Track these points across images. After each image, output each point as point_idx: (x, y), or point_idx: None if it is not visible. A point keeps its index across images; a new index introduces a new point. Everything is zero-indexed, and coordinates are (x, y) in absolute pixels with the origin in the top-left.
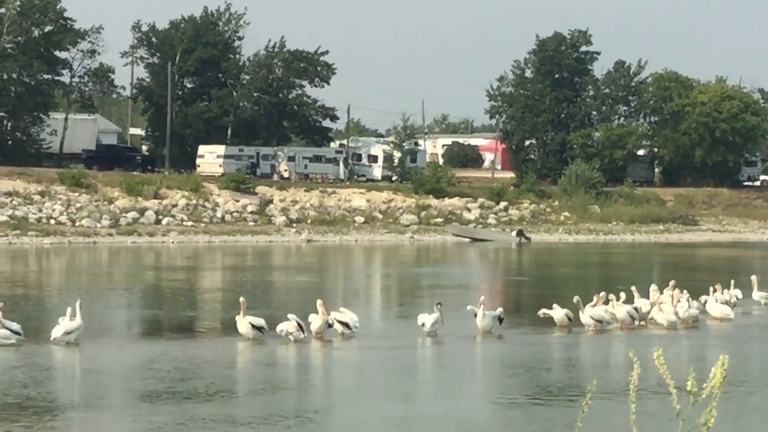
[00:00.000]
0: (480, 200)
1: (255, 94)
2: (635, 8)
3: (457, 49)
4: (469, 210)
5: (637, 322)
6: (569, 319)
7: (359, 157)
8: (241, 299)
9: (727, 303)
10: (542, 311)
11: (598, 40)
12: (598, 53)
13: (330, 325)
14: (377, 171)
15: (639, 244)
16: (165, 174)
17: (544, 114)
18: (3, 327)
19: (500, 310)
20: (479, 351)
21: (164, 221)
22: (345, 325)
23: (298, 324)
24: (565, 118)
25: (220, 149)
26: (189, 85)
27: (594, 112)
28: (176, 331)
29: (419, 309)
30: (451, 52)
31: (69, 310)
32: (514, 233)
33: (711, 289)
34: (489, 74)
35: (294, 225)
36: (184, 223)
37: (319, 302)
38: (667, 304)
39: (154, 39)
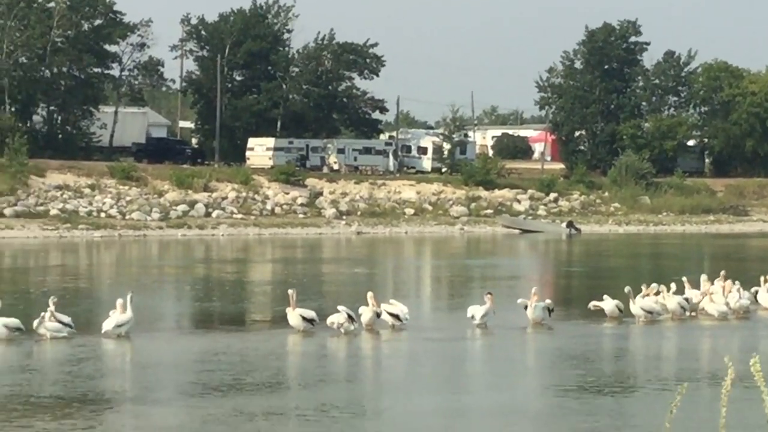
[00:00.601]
0: (530, 191)
1: (304, 87)
2: None
3: (506, 41)
4: (519, 201)
5: (687, 313)
6: (620, 310)
7: (409, 149)
8: (291, 291)
9: None
10: (592, 304)
11: (648, 31)
12: (648, 44)
13: (378, 316)
14: (427, 163)
15: (689, 234)
16: (215, 167)
17: (593, 105)
18: (55, 320)
19: (548, 301)
20: (530, 342)
21: (214, 214)
22: (395, 317)
23: (349, 316)
24: (614, 109)
25: (270, 142)
26: (238, 78)
27: (644, 103)
28: (227, 324)
29: (469, 301)
30: (501, 44)
31: (119, 303)
32: (564, 224)
33: (762, 279)
34: (538, 65)
35: (344, 217)
36: (234, 215)
37: (369, 294)
38: (718, 295)
39: (203, 32)
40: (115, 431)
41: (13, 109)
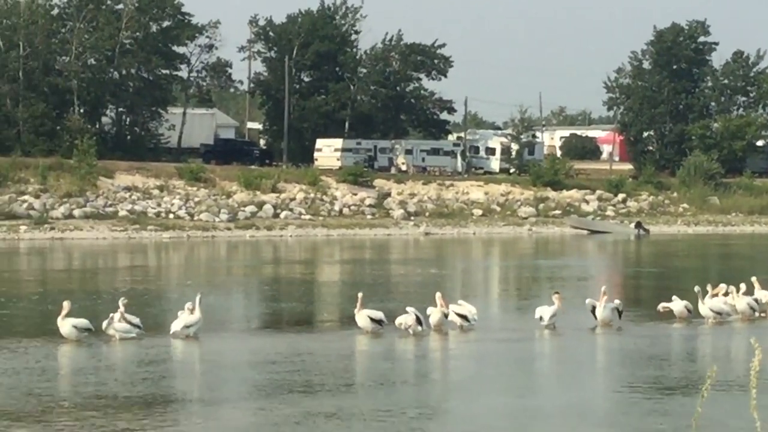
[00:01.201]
0: (598, 192)
1: (372, 88)
2: None
3: (575, 41)
4: (587, 202)
5: (757, 314)
6: (689, 311)
7: (477, 150)
8: (359, 294)
9: None
10: (661, 305)
11: (717, 31)
12: (716, 44)
13: (446, 317)
14: (495, 163)
15: (758, 235)
16: (283, 168)
17: (662, 105)
18: (124, 321)
19: (617, 301)
20: (598, 343)
21: (282, 215)
22: (464, 317)
23: (417, 317)
24: (683, 109)
25: (338, 143)
26: (306, 79)
27: (712, 103)
28: (295, 325)
29: (537, 301)
30: (570, 44)
31: (188, 305)
32: (632, 225)
33: None
34: (607, 66)
35: (412, 218)
36: (302, 216)
37: (437, 295)
38: None
39: (271, 33)
40: None
41: (82, 111)
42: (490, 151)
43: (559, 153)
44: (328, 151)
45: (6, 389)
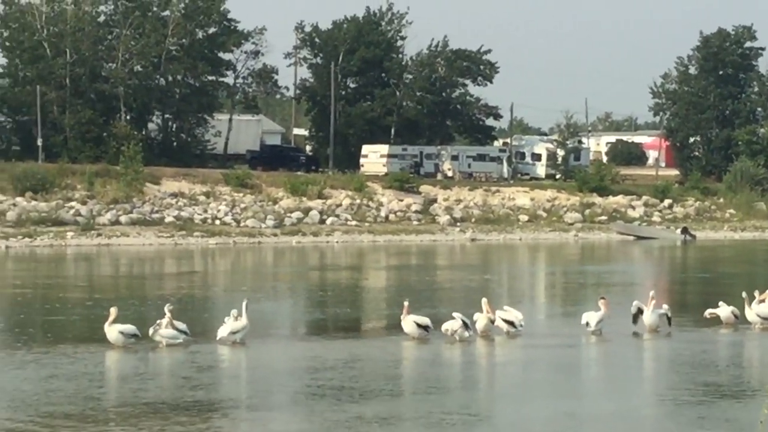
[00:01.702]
0: (644, 198)
1: (418, 94)
2: None
3: (620, 47)
4: (633, 208)
5: None
6: (736, 316)
7: (523, 156)
8: (405, 301)
9: None
10: (708, 312)
11: (763, 36)
12: (763, 49)
13: (493, 322)
14: (541, 169)
15: None
16: (329, 174)
17: (708, 111)
18: (171, 327)
19: (665, 306)
20: (645, 349)
21: (328, 221)
22: (510, 323)
23: (464, 322)
24: (729, 115)
25: (384, 149)
26: (352, 85)
27: (759, 108)
28: (341, 331)
29: (584, 307)
30: (615, 50)
31: (234, 312)
32: (678, 231)
33: None
34: (653, 71)
35: (458, 224)
36: (348, 222)
37: (483, 301)
38: None
39: (317, 39)
40: None
41: (128, 118)
42: (536, 157)
43: (605, 159)
44: (374, 157)
45: (54, 395)
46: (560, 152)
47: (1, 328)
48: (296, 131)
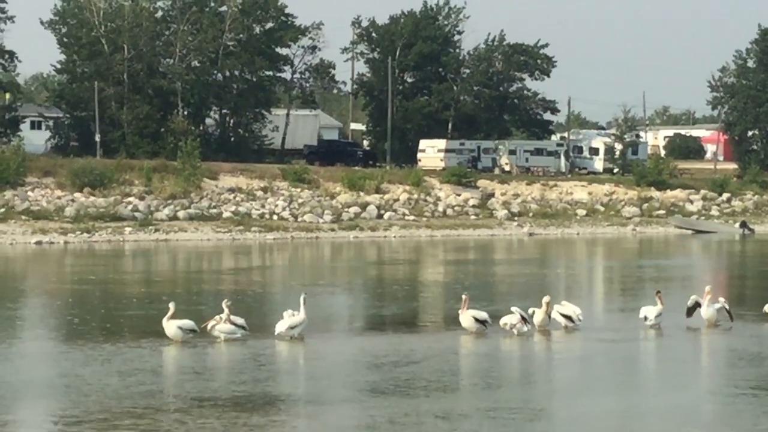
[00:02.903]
0: (702, 192)
1: (475, 88)
2: None
3: (677, 40)
4: (691, 202)
5: None
6: None
7: (580, 150)
8: (464, 296)
9: None
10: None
11: None
12: None
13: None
14: (598, 163)
15: None
16: (386, 168)
17: (766, 104)
18: (229, 322)
19: (722, 299)
20: (703, 343)
21: (386, 216)
22: (568, 318)
23: (522, 317)
24: None
25: (441, 143)
26: (409, 80)
27: None
28: (399, 325)
29: (642, 301)
30: (672, 43)
31: (286, 312)
32: (737, 224)
33: None
34: (710, 65)
35: (515, 218)
36: (406, 217)
37: (546, 299)
38: None
39: (374, 34)
40: None
41: (185, 113)
42: (594, 151)
43: (663, 153)
44: (432, 152)
45: (113, 391)
46: (618, 146)
47: (61, 323)
48: (353, 126)
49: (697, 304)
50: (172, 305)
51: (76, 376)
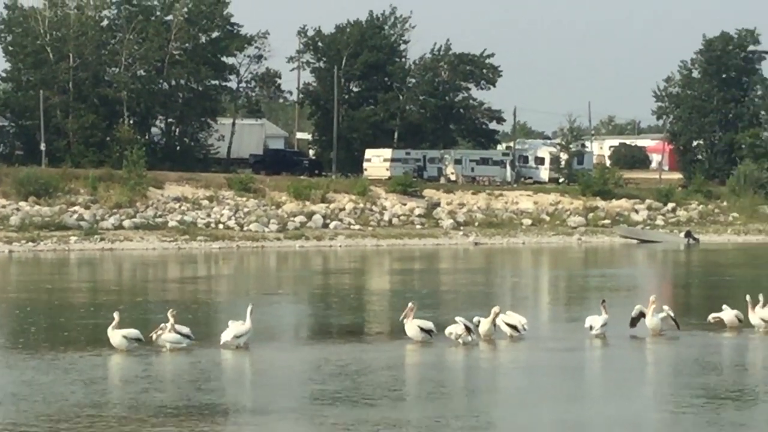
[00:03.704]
0: (647, 201)
1: (421, 98)
2: None
3: (623, 50)
4: (636, 211)
5: None
6: (740, 320)
7: (526, 159)
8: (410, 304)
9: None
10: (712, 316)
11: (767, 39)
12: (767, 52)
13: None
14: (544, 173)
15: None
16: (332, 178)
17: (711, 114)
18: (174, 331)
19: (666, 307)
20: (648, 352)
21: (332, 225)
22: (513, 327)
23: (467, 326)
24: (733, 118)
25: (387, 153)
26: (355, 89)
27: (762, 112)
28: (344, 335)
29: (587, 311)
30: (618, 53)
31: (231, 323)
32: (682, 234)
33: None
34: (656, 75)
35: (461, 228)
36: (352, 226)
37: (495, 309)
38: None
39: (320, 43)
40: None
41: (131, 122)
42: (540, 161)
43: (608, 162)
44: (378, 161)
45: (58, 399)
46: (563, 156)
47: (4, 333)
48: (299, 135)
49: (642, 314)
50: (116, 315)
51: (19, 384)
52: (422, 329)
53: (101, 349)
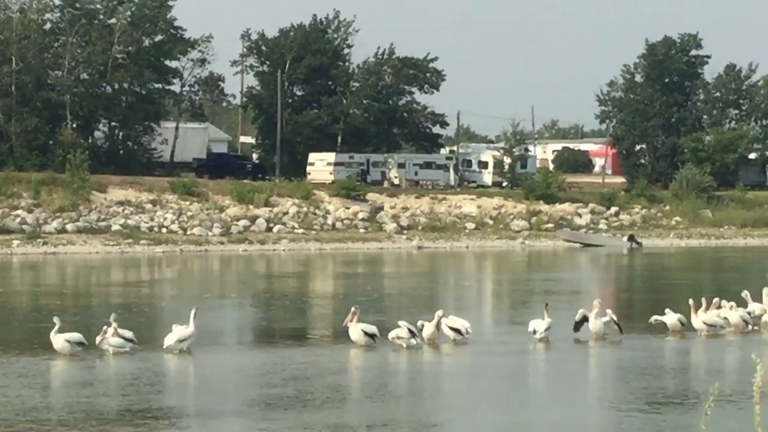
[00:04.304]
0: (591, 205)
1: (365, 102)
2: (745, 11)
3: (567, 55)
4: (579, 215)
5: (750, 327)
6: (682, 324)
7: (469, 164)
8: (354, 308)
9: None
10: (654, 318)
11: (709, 44)
12: (709, 57)
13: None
14: (487, 177)
15: (751, 248)
16: (275, 182)
17: (654, 118)
18: (117, 335)
19: (609, 311)
20: (591, 356)
21: (275, 229)
22: (457, 331)
23: (410, 330)
24: (675, 123)
25: (331, 157)
26: (299, 93)
27: (705, 116)
28: (288, 339)
29: (531, 315)
30: (561, 58)
31: (174, 327)
32: (625, 238)
33: None
34: (599, 79)
35: (405, 232)
36: (295, 230)
37: (438, 313)
38: None
39: (263, 47)
40: None
41: (74, 125)
42: (483, 165)
43: (551, 166)
44: (321, 165)
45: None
46: (507, 160)
47: None
48: (243, 139)
49: (585, 318)
50: (56, 319)
51: None
52: (366, 333)
53: (44, 353)
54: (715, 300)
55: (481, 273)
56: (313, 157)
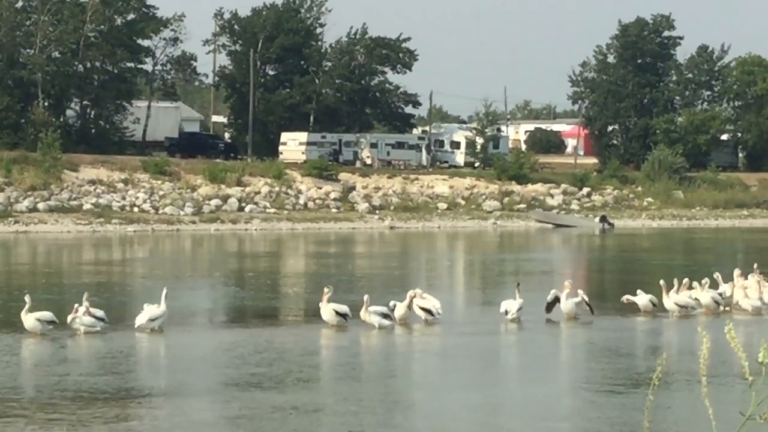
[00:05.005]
0: (563, 186)
1: (337, 81)
2: None
3: (539, 35)
4: (552, 196)
5: (721, 308)
6: (653, 304)
7: (442, 144)
8: (326, 288)
9: None
10: (625, 297)
11: (681, 25)
12: (681, 38)
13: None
14: (460, 157)
15: (723, 229)
16: (248, 161)
17: (626, 99)
18: (89, 314)
19: (581, 292)
20: (563, 337)
21: (247, 208)
22: (428, 311)
23: (383, 312)
24: (648, 104)
25: (303, 136)
26: (271, 73)
27: (677, 97)
28: (260, 318)
29: (502, 295)
30: (534, 38)
31: (146, 306)
32: (597, 219)
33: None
34: (571, 60)
35: (377, 211)
36: (267, 210)
37: (410, 293)
38: (752, 290)
39: (236, 26)
40: (150, 425)
41: (46, 104)
42: (455, 145)
43: (523, 147)
44: (293, 145)
45: None
46: (479, 140)
47: None
48: (215, 118)
49: (557, 299)
50: (27, 298)
51: None
52: (338, 313)
53: (15, 332)
54: (685, 281)
55: (453, 253)
56: (285, 136)
